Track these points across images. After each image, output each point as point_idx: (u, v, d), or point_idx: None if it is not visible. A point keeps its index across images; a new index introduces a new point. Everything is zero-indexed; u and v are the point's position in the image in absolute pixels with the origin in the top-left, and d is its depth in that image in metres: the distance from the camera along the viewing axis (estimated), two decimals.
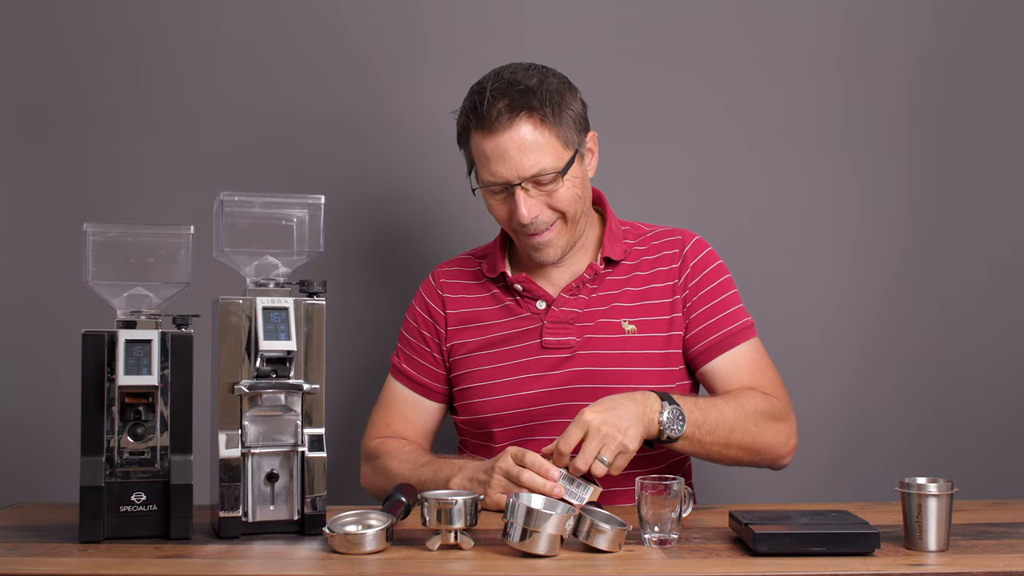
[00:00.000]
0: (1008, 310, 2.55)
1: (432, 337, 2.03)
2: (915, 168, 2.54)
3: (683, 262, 1.99)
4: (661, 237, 2.03)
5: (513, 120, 1.85)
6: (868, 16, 2.54)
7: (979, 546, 1.55)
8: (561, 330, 1.95)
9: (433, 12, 2.47)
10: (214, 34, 2.44)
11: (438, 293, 2.05)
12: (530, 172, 1.86)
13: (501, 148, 1.86)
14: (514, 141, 1.85)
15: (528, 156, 1.86)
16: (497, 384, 1.95)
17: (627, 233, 2.04)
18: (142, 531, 1.57)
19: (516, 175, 1.86)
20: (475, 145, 1.90)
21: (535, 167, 1.86)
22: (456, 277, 2.06)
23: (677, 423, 1.76)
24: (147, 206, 2.40)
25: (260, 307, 1.59)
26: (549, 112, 1.86)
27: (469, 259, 2.09)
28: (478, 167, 1.92)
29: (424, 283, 2.09)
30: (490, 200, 1.93)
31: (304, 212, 1.68)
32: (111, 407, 1.57)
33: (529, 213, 1.87)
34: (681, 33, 2.51)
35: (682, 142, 2.52)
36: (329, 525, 1.53)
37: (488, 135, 1.87)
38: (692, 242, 2.02)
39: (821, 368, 2.51)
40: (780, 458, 1.90)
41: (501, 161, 1.86)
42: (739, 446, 1.83)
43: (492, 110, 1.85)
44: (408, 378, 2.04)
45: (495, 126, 1.85)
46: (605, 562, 1.47)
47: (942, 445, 2.53)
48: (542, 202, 1.89)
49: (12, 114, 2.41)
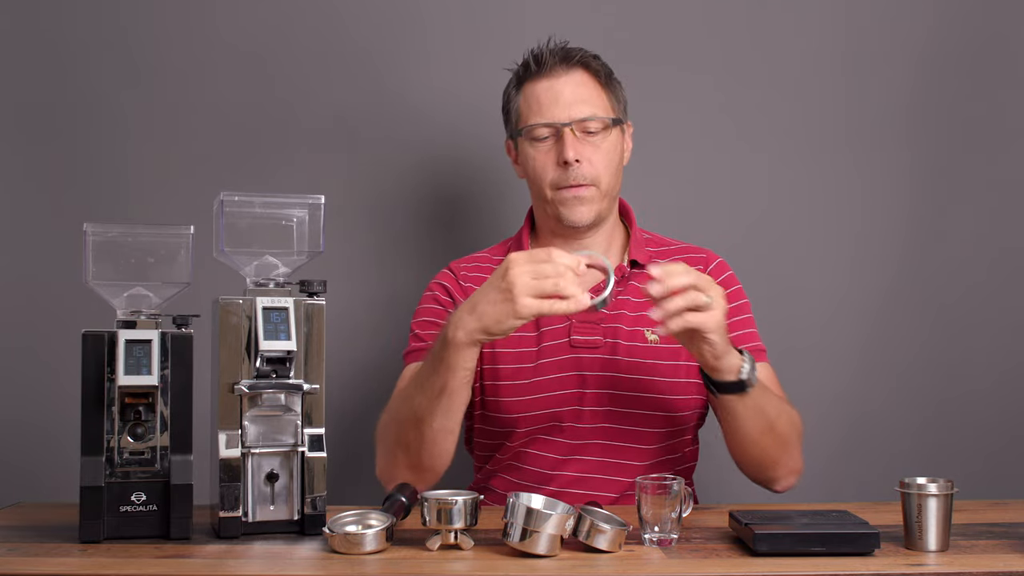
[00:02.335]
0: (1008, 310, 2.55)
1: None
2: (915, 168, 2.54)
3: None
4: (684, 252, 2.04)
5: (570, 69, 1.95)
6: (868, 16, 2.54)
7: (979, 546, 1.55)
8: (588, 329, 1.94)
9: (433, 12, 2.47)
10: (214, 34, 2.44)
11: (460, 284, 2.01)
12: (581, 115, 1.92)
13: (556, 90, 1.93)
14: (569, 86, 1.93)
15: (581, 100, 1.93)
16: (526, 384, 1.93)
17: (649, 242, 2.05)
18: (142, 531, 1.57)
19: (568, 115, 1.92)
20: (527, 93, 1.96)
21: (587, 110, 1.92)
22: (476, 272, 2.03)
23: (754, 371, 1.73)
24: (147, 206, 2.40)
25: (260, 307, 1.59)
26: (602, 74, 1.97)
27: (486, 256, 2.07)
28: (526, 116, 1.96)
29: (442, 275, 2.04)
30: (531, 151, 1.95)
31: (304, 212, 1.68)
32: (111, 407, 1.58)
33: (575, 153, 1.89)
34: (681, 33, 2.51)
35: (682, 142, 2.52)
36: (329, 525, 1.53)
37: (544, 78, 1.94)
38: (715, 263, 2.03)
39: (821, 368, 2.51)
40: (791, 474, 1.90)
41: (554, 103, 1.93)
42: (775, 437, 1.82)
43: (551, 59, 1.95)
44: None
45: (554, 70, 1.94)
46: (605, 562, 1.47)
47: (942, 445, 2.53)
48: (585, 155, 1.91)
49: (12, 114, 2.41)
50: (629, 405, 1.92)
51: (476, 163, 2.46)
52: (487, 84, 2.13)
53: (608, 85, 1.97)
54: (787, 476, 1.89)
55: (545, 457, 1.94)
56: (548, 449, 1.94)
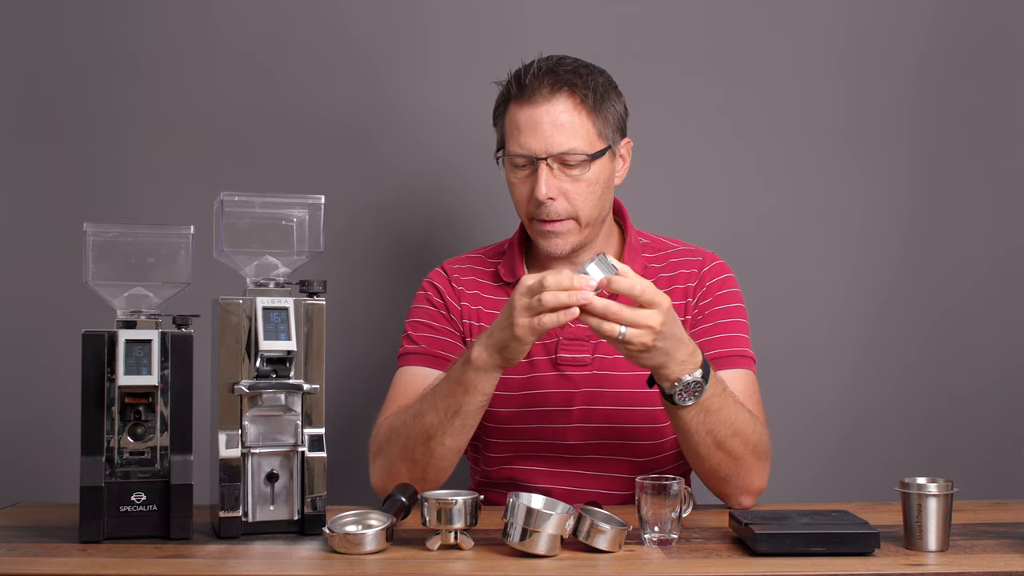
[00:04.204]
0: (1009, 311, 2.55)
1: (451, 321, 1.97)
2: (916, 168, 2.54)
3: (700, 281, 1.95)
4: (681, 255, 1.99)
5: (553, 95, 1.84)
6: (868, 16, 2.54)
7: (979, 546, 1.55)
8: (576, 347, 1.92)
9: (434, 12, 2.47)
10: (214, 34, 2.44)
11: (452, 287, 2.00)
12: (559, 149, 1.84)
13: (535, 120, 1.84)
14: (550, 115, 1.84)
15: (560, 133, 1.84)
16: (505, 397, 1.90)
17: (646, 247, 2.01)
18: (142, 531, 1.57)
19: (544, 149, 1.84)
20: (510, 116, 1.88)
21: (565, 145, 1.84)
22: (470, 275, 2.01)
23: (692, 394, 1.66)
24: (147, 206, 2.40)
25: (260, 307, 1.59)
26: (590, 99, 1.86)
27: (480, 258, 2.05)
28: (508, 139, 1.89)
29: (434, 275, 2.03)
30: (512, 177, 1.90)
31: (304, 212, 1.68)
32: (111, 407, 1.57)
33: (548, 191, 1.84)
34: (682, 34, 2.51)
35: (682, 143, 2.52)
36: (329, 525, 1.53)
37: (525, 105, 1.85)
38: (713, 264, 1.98)
39: (822, 368, 2.51)
40: (745, 493, 1.80)
41: (532, 133, 1.84)
42: (726, 454, 1.74)
43: (535, 81, 1.85)
44: (428, 355, 1.93)
45: (534, 97, 1.84)
46: (605, 562, 1.47)
47: (942, 445, 2.53)
48: (563, 189, 1.85)
49: (12, 114, 2.41)
50: (617, 420, 1.90)
51: (476, 163, 2.46)
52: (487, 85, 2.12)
53: (597, 109, 1.86)
54: (740, 495, 1.81)
55: (534, 471, 1.94)
56: (539, 464, 1.94)
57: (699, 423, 1.71)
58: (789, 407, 2.40)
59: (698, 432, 1.72)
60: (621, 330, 1.58)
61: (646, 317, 1.58)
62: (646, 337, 1.59)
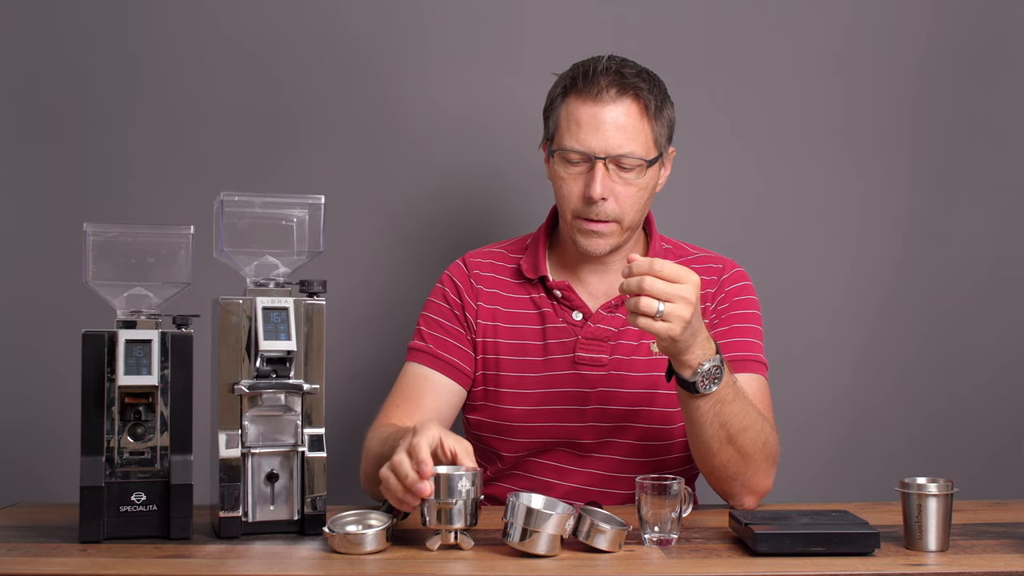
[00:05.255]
0: (1009, 310, 2.55)
1: (464, 322, 1.97)
2: (915, 168, 2.54)
3: (719, 288, 1.96)
4: (702, 262, 1.99)
5: (620, 96, 1.85)
6: (868, 16, 2.54)
7: (979, 546, 1.55)
8: (595, 347, 1.92)
9: (434, 12, 2.47)
10: (215, 34, 2.43)
11: (472, 284, 1.99)
12: (618, 151, 1.84)
13: (599, 118, 1.84)
14: (613, 116, 1.84)
15: (622, 135, 1.85)
16: (524, 394, 1.92)
17: (668, 252, 2.01)
18: (142, 531, 1.57)
19: (604, 149, 1.84)
20: (570, 109, 1.87)
21: (625, 148, 1.84)
22: (490, 271, 2.01)
23: (713, 380, 1.67)
24: (147, 206, 2.40)
25: (260, 307, 1.59)
26: (653, 105, 1.87)
27: (503, 253, 2.04)
28: (563, 133, 1.88)
29: (454, 268, 2.02)
30: (562, 171, 1.89)
31: (304, 212, 1.68)
32: (111, 407, 1.58)
33: (602, 191, 1.84)
34: (682, 34, 2.51)
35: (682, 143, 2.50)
36: (329, 525, 1.53)
37: (589, 101, 1.85)
38: (732, 271, 1.99)
39: (822, 368, 2.51)
40: (750, 493, 1.80)
41: (594, 131, 1.84)
42: (736, 451, 1.74)
43: (603, 79, 1.85)
44: (433, 356, 1.94)
45: (601, 95, 1.84)
46: (605, 562, 1.47)
47: (942, 445, 2.53)
48: (614, 191, 1.86)
49: (12, 114, 2.41)
50: (632, 420, 1.91)
51: (477, 164, 2.46)
52: (488, 85, 2.14)
53: (656, 117, 1.88)
54: (745, 495, 1.80)
55: (547, 467, 1.94)
56: (550, 459, 1.94)
57: (714, 415, 1.71)
58: (789, 407, 2.39)
59: (712, 424, 1.71)
60: (660, 307, 1.59)
61: (681, 289, 1.59)
62: (684, 311, 1.59)
